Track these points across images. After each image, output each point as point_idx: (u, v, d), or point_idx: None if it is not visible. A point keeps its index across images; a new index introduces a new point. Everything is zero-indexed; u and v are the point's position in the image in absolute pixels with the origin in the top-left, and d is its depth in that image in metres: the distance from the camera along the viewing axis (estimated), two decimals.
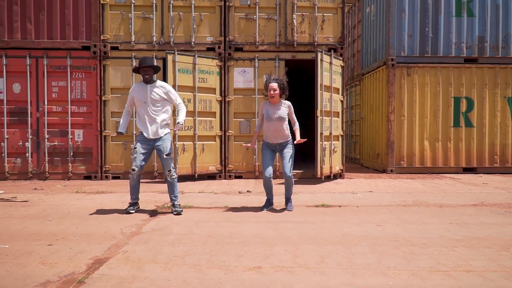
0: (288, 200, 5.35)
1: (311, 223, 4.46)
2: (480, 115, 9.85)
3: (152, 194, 6.48)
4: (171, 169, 4.98)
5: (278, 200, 5.62)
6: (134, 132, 8.31)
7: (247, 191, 6.80)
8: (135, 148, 5.02)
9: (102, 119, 8.39)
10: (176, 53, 7.89)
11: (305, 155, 11.70)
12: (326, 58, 7.90)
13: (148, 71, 4.96)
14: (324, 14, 8.56)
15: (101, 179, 8.37)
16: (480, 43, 9.85)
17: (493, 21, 9.81)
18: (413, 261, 3.17)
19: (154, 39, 8.40)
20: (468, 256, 3.30)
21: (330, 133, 8.12)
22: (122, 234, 3.98)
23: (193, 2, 8.38)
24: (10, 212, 4.99)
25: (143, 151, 4.99)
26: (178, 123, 4.91)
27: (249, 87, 8.53)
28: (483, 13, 9.80)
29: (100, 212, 5.02)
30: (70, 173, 8.37)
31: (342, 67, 8.64)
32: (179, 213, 4.90)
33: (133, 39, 8.39)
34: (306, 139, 5.34)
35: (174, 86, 7.89)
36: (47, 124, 8.33)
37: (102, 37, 8.37)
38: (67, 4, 8.31)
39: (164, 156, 4.95)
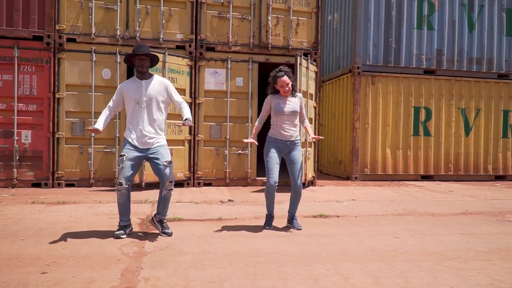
0: (293, 216, 4.56)
1: (325, 236, 4.15)
2: (437, 124, 10.20)
3: None
4: (173, 180, 4.09)
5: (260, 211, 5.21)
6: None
7: (229, 200, 6.33)
8: (122, 156, 3.99)
9: (55, 119, 7.46)
10: None
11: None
12: (304, 63, 7.68)
13: (145, 61, 4.03)
14: (299, 18, 8.35)
15: (53, 187, 7.42)
16: (438, 55, 10.23)
17: (450, 35, 10.24)
18: (467, 278, 2.96)
19: (118, 32, 7.65)
20: None
21: (306, 140, 7.90)
22: (125, 255, 3.37)
23: None
24: None
25: (132, 161, 3.97)
26: (186, 119, 4.06)
27: (221, 89, 8.06)
28: (441, 27, 10.19)
29: (78, 228, 4.30)
30: (15, 179, 7.32)
31: (316, 72, 8.48)
32: (169, 235, 4.05)
33: (93, 31, 7.57)
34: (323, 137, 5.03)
35: None
36: None
37: (57, 27, 7.46)
38: None
39: (164, 164, 4.01)
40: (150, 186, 7.43)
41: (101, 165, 7.64)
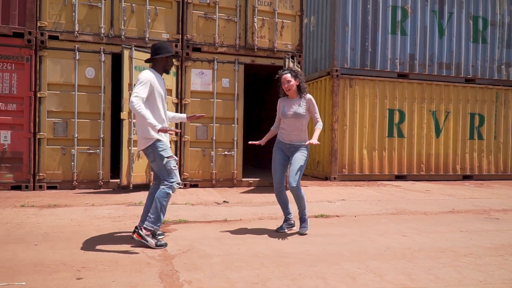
0: (301, 219, 4.44)
1: (337, 236, 4.26)
2: (410, 126, 10.62)
3: (116, 207, 5.65)
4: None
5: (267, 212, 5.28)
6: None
7: (223, 201, 6.33)
8: (171, 157, 3.76)
9: (36, 119, 7.15)
10: (133, 49, 7.09)
11: (259, 163, 11.39)
12: (291, 65, 7.79)
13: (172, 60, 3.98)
14: (284, 20, 8.46)
15: (34, 189, 7.11)
16: (411, 60, 10.66)
17: (422, 41, 10.69)
18: (491, 272, 3.16)
19: (103, 31, 7.44)
20: None
21: None
22: (152, 258, 3.31)
23: None
24: None
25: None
26: (194, 114, 4.10)
27: (207, 90, 8.03)
28: (414, 32, 10.63)
29: (86, 232, 4.17)
30: None
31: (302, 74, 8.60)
32: (162, 245, 3.66)
33: (76, 29, 7.32)
34: (319, 143, 4.57)
35: (130, 85, 7.08)
36: None
37: (39, 24, 7.16)
38: None
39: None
40: (137, 188, 7.30)
41: (85, 167, 7.40)
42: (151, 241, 3.58)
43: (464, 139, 11.08)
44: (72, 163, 7.30)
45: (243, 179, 8.33)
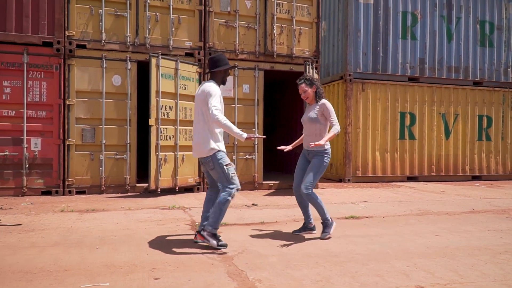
0: (322, 224, 4.47)
1: (376, 236, 4.50)
2: (420, 129, 10.90)
3: (152, 211, 5.86)
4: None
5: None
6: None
7: (252, 204, 6.56)
8: (228, 165, 3.95)
9: (65, 126, 7.36)
10: (160, 57, 7.31)
11: (283, 165, 11.51)
12: (311, 71, 8.04)
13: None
14: (301, 27, 8.71)
15: (63, 194, 7.31)
16: (421, 64, 10.94)
17: (431, 45, 10.98)
18: None
19: (128, 39, 7.66)
20: None
21: None
22: (213, 259, 3.54)
23: (171, 4, 7.86)
24: (30, 240, 4.09)
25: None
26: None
27: (228, 96, 8.25)
28: (424, 37, 10.91)
29: (138, 235, 4.38)
30: (25, 188, 7.16)
31: (318, 80, 8.85)
32: (223, 245, 3.89)
33: (103, 38, 7.54)
34: (322, 144, 4.21)
35: (157, 92, 7.31)
36: None
37: (67, 33, 7.37)
38: None
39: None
40: (163, 192, 7.52)
41: (112, 172, 7.61)
42: (213, 241, 3.81)
43: (472, 141, 11.36)
44: (100, 168, 7.50)
45: (264, 182, 8.56)
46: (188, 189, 8.02)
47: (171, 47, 7.89)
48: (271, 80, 10.75)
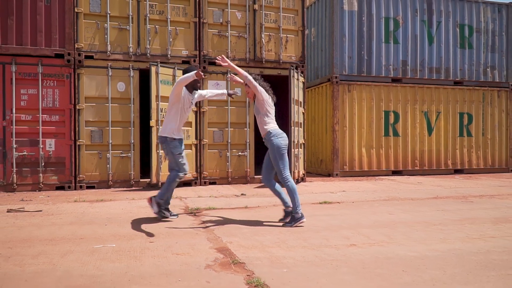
0: (288, 213, 4.81)
1: (338, 215, 5.35)
2: (404, 126, 11.70)
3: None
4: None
5: None
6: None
7: (241, 194, 7.43)
8: (181, 153, 5.08)
9: (76, 128, 8.28)
10: (159, 65, 8.21)
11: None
12: (295, 75, 8.90)
13: None
14: (288, 35, 9.58)
15: (75, 189, 8.23)
16: (403, 66, 11.75)
17: (413, 48, 11.79)
18: (450, 234, 4.24)
19: (131, 50, 8.58)
20: (479, 228, 4.47)
21: (298, 141, 9.11)
22: (198, 230, 4.41)
23: (169, 17, 8.77)
24: (50, 221, 4.99)
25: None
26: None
27: (222, 98, 9.12)
28: (406, 41, 11.72)
29: (138, 216, 5.26)
30: (41, 184, 8.09)
31: (304, 83, 9.73)
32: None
33: (109, 49, 8.46)
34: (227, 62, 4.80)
35: (157, 97, 8.20)
36: (15, 133, 7.97)
37: (76, 46, 8.30)
38: (38, 10, 8.09)
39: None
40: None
41: (118, 169, 8.52)
42: (155, 208, 5.02)
43: (454, 137, 12.14)
44: (108, 166, 8.41)
45: (256, 176, 9.42)
46: (186, 184, 8.91)
47: (169, 55, 8.79)
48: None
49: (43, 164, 8.09)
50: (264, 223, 4.84)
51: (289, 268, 3.12)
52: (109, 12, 8.42)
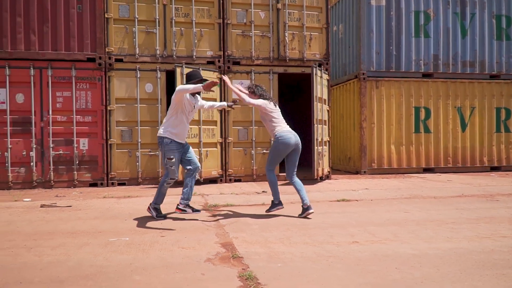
0: (272, 203, 5.43)
1: (351, 212, 5.38)
2: (436, 122, 11.42)
3: (177, 197, 6.99)
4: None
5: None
6: (139, 140, 8.72)
7: (262, 191, 7.57)
8: (172, 158, 4.99)
9: (107, 128, 8.69)
10: (184, 66, 8.47)
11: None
12: (318, 73, 8.92)
13: None
14: (311, 33, 9.60)
15: (107, 186, 8.65)
16: (435, 60, 11.46)
17: (445, 42, 11.47)
18: (460, 233, 4.19)
19: (158, 52, 8.89)
20: (493, 228, 4.39)
21: (322, 139, 9.13)
22: (209, 226, 4.60)
23: (193, 19, 9.01)
24: (77, 216, 5.34)
25: (178, 159, 5.09)
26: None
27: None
28: (437, 34, 11.42)
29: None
30: (75, 181, 8.56)
31: (328, 80, 9.72)
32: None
33: (137, 52, 8.81)
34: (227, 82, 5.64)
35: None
36: (52, 133, 8.47)
37: (106, 50, 8.70)
38: (71, 17, 8.55)
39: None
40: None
41: (147, 167, 8.87)
42: (153, 213, 5.18)
43: (490, 132, 11.71)
44: (137, 164, 8.78)
45: (280, 174, 9.51)
46: (212, 181, 9.15)
47: (194, 57, 9.04)
48: (288, 83, 11.66)
49: (77, 162, 8.56)
50: (275, 218, 4.95)
51: (285, 263, 3.23)
52: (137, 16, 8.76)
